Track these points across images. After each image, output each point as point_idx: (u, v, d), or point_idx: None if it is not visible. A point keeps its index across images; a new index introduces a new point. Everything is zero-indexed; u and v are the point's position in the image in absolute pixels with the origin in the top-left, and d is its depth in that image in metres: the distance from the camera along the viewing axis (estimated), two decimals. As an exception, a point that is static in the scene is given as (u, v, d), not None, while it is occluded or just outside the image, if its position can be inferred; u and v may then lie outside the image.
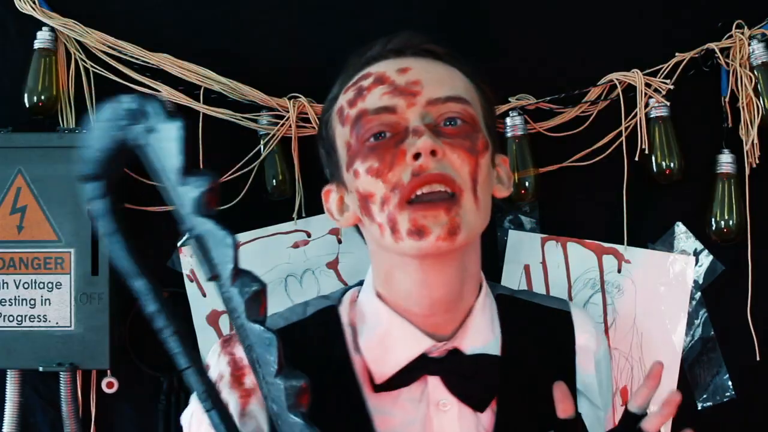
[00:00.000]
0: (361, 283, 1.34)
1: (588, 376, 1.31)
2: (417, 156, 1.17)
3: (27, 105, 1.66)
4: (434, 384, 1.24)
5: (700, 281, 1.67)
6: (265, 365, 0.98)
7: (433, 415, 1.23)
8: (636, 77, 1.63)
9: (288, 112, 1.65)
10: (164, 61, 1.66)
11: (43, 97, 1.66)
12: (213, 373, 1.26)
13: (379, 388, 1.24)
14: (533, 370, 1.28)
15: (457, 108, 1.22)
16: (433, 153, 1.17)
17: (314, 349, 1.27)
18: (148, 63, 1.67)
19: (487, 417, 1.25)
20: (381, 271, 1.27)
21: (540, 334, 1.31)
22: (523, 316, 1.32)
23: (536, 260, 1.67)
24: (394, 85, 1.22)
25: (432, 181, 1.16)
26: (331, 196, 1.31)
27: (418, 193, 1.17)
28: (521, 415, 1.26)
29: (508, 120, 1.65)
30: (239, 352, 1.25)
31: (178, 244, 1.68)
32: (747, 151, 1.64)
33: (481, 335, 1.26)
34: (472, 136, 1.21)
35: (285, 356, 0.99)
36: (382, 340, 1.25)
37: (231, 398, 1.24)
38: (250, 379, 1.24)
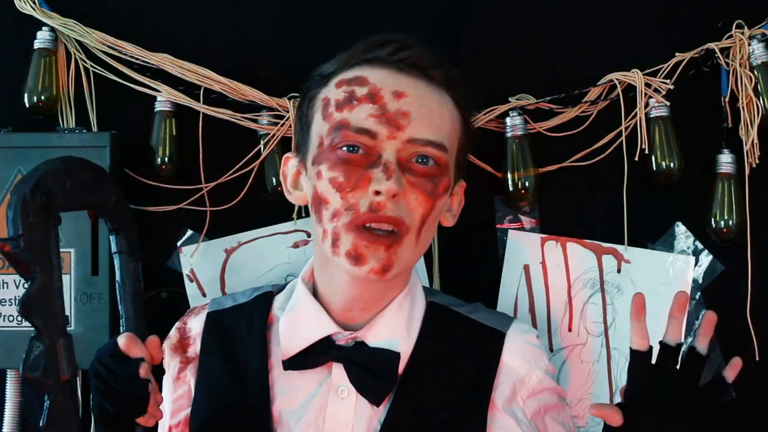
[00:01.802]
0: None
1: (503, 396, 1.33)
2: (378, 193, 1.22)
3: (27, 105, 1.66)
4: (338, 371, 1.31)
5: (700, 281, 1.67)
6: None
7: (330, 400, 1.30)
8: (636, 77, 1.63)
9: (288, 112, 1.65)
10: (164, 61, 1.66)
11: (43, 97, 1.66)
12: (170, 334, 1.43)
13: (287, 365, 1.31)
14: (442, 376, 1.32)
15: (433, 152, 1.26)
16: (393, 196, 1.22)
17: (241, 330, 1.38)
18: (148, 63, 1.67)
19: (383, 411, 1.30)
20: (320, 259, 1.34)
21: (462, 346, 1.35)
22: (448, 326, 1.37)
23: (536, 260, 1.67)
24: (383, 110, 1.24)
25: (383, 221, 1.23)
26: (290, 163, 1.37)
27: (367, 225, 1.23)
28: (415, 414, 1.30)
29: (508, 120, 1.66)
30: (191, 323, 1.42)
31: (178, 244, 1.69)
32: (747, 151, 1.64)
33: (389, 331, 1.32)
34: (436, 179, 1.27)
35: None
36: (294, 320, 1.34)
37: (172, 361, 1.40)
38: (192, 350, 1.40)
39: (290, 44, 1.70)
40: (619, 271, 1.66)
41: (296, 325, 1.33)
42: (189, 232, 1.69)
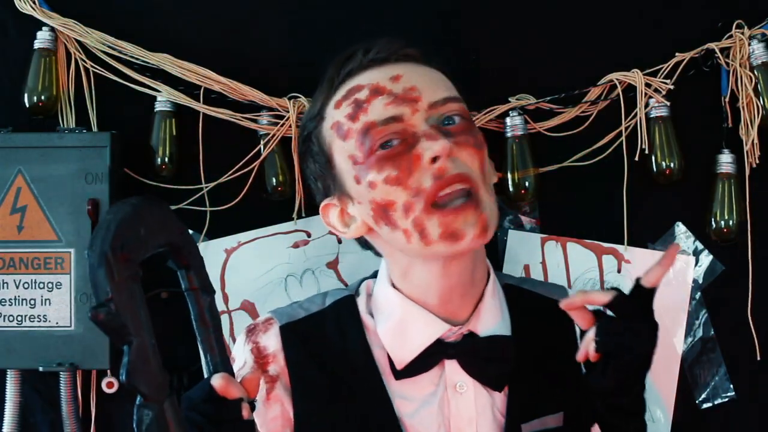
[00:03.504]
0: (374, 275, 1.39)
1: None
2: (435, 159, 1.21)
3: (27, 105, 1.66)
4: (451, 367, 1.30)
5: (700, 281, 1.67)
6: None
7: (451, 398, 1.30)
8: (636, 77, 1.63)
9: (288, 112, 1.65)
10: (164, 61, 1.66)
11: (43, 97, 1.66)
12: (238, 361, 1.34)
13: (399, 375, 1.30)
14: (540, 353, 1.34)
15: (455, 107, 1.27)
16: (449, 155, 1.22)
17: (334, 339, 1.34)
18: (148, 63, 1.67)
19: (500, 398, 1.31)
20: (398, 268, 1.32)
21: (542, 322, 1.37)
22: (527, 305, 1.39)
23: (536, 260, 1.67)
24: (393, 94, 1.25)
25: (453, 181, 1.22)
26: (330, 210, 1.34)
27: (441, 194, 1.22)
28: (532, 395, 1.31)
29: (508, 120, 1.65)
30: (263, 340, 1.35)
31: (178, 244, 1.68)
32: (747, 151, 1.64)
33: (493, 318, 1.32)
34: (473, 131, 1.28)
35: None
36: (400, 328, 1.31)
37: None
38: (273, 367, 1.33)
39: (290, 44, 1.70)
40: (619, 271, 1.66)
41: (403, 333, 1.30)
42: (189, 232, 1.68)
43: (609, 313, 1.24)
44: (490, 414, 1.30)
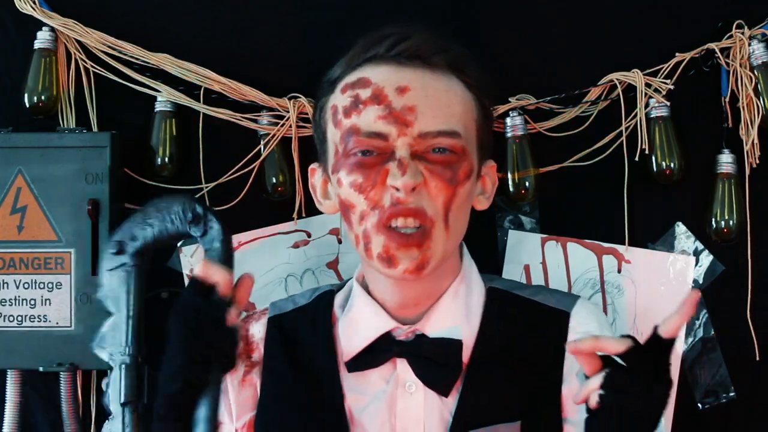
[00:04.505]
0: None
1: (573, 381, 1.29)
2: (396, 188, 1.22)
3: (27, 105, 1.66)
4: (402, 367, 1.29)
5: (700, 281, 1.67)
6: None
7: (399, 397, 1.29)
8: (636, 77, 1.63)
9: (288, 112, 1.65)
10: (164, 61, 1.66)
11: (43, 97, 1.66)
12: None
13: (350, 367, 1.31)
14: (510, 361, 1.30)
15: (446, 142, 1.25)
16: (412, 189, 1.22)
17: (306, 331, 1.36)
18: (148, 63, 1.67)
19: (453, 402, 1.28)
20: (364, 263, 1.34)
21: (527, 329, 1.32)
22: (512, 311, 1.34)
23: (536, 260, 1.67)
24: (389, 108, 1.24)
25: (406, 215, 1.22)
26: (316, 173, 1.37)
27: (392, 225, 1.23)
28: (485, 403, 1.28)
29: (508, 120, 1.65)
30: (252, 328, 1.39)
31: (178, 244, 1.68)
32: (747, 151, 1.64)
33: (447, 320, 1.31)
34: (455, 166, 1.26)
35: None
36: (353, 320, 1.33)
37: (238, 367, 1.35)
38: (256, 354, 1.37)
39: (290, 44, 1.70)
40: (619, 271, 1.66)
41: (354, 324, 1.32)
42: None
43: (619, 360, 1.10)
44: (438, 417, 1.28)
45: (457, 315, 1.31)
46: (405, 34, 1.30)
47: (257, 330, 1.39)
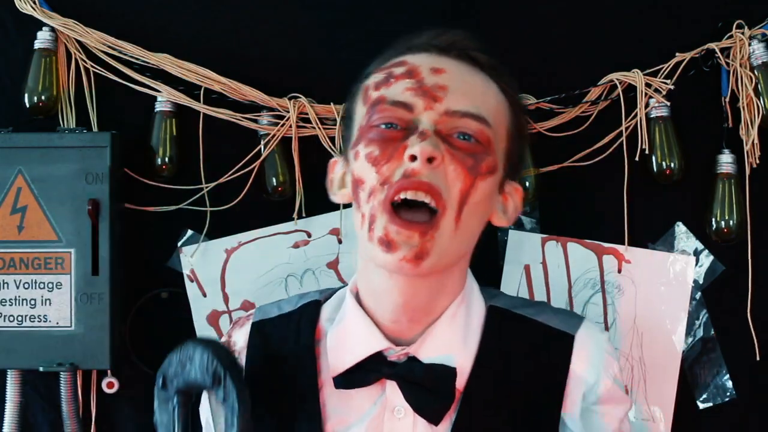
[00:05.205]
0: None
1: (573, 406, 1.25)
2: (414, 158, 1.14)
3: (27, 105, 1.66)
4: (392, 389, 1.22)
5: (700, 281, 1.67)
6: None
7: (386, 421, 1.22)
8: (636, 77, 1.63)
9: (288, 112, 1.65)
10: (164, 61, 1.66)
11: (43, 97, 1.66)
12: None
13: (337, 384, 1.23)
14: (508, 389, 1.24)
15: (472, 126, 1.18)
16: (429, 160, 1.14)
17: (289, 343, 1.29)
18: (149, 63, 1.67)
19: (445, 430, 1.21)
20: (362, 264, 1.27)
21: (529, 354, 1.25)
22: (513, 333, 1.27)
23: (536, 260, 1.67)
24: (421, 83, 1.19)
25: (418, 188, 1.14)
26: (336, 167, 1.30)
27: (402, 196, 1.14)
28: (480, 430, 1.22)
29: (508, 120, 1.65)
30: (235, 335, 1.34)
31: (179, 244, 1.69)
32: (747, 151, 1.64)
33: (443, 345, 1.23)
34: (478, 156, 1.18)
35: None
36: (344, 335, 1.25)
37: None
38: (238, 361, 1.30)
39: (290, 45, 1.70)
40: (619, 271, 1.66)
41: (344, 339, 1.25)
42: (189, 232, 1.69)
43: None
44: None
45: (453, 340, 1.23)
46: (447, 30, 1.26)
47: (239, 338, 1.33)
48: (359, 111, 1.24)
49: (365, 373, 1.22)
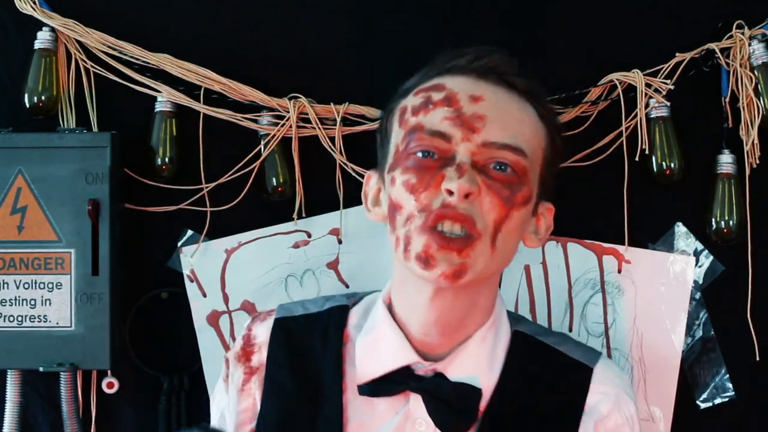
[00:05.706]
0: None
1: None
2: (451, 192, 1.18)
3: (27, 105, 1.66)
4: (416, 402, 1.25)
5: (700, 281, 1.67)
6: None
7: (407, 431, 1.25)
8: (636, 77, 1.63)
9: (288, 112, 1.65)
10: (164, 61, 1.66)
11: (43, 97, 1.66)
12: (236, 342, 1.37)
13: (362, 391, 1.26)
14: (527, 413, 1.27)
15: (510, 157, 1.22)
16: (466, 196, 1.18)
17: (315, 345, 1.32)
18: (149, 63, 1.67)
19: None
20: (398, 277, 1.30)
21: (548, 381, 1.30)
22: (535, 359, 1.31)
23: (536, 260, 1.67)
24: (459, 112, 1.22)
25: (455, 219, 1.18)
26: (371, 181, 1.33)
27: (438, 228, 1.18)
28: None
29: (508, 120, 1.65)
30: (256, 329, 1.36)
31: (179, 244, 1.69)
32: (747, 152, 1.64)
33: (471, 365, 1.27)
34: (515, 186, 1.22)
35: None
36: (374, 344, 1.28)
37: (236, 371, 1.34)
38: (257, 358, 1.34)
39: (290, 45, 1.70)
40: (619, 271, 1.66)
41: (375, 349, 1.28)
42: (189, 233, 1.69)
43: None
44: None
45: (480, 361, 1.27)
46: (488, 50, 1.28)
47: (261, 332, 1.36)
48: (396, 132, 1.27)
49: (392, 384, 1.26)
